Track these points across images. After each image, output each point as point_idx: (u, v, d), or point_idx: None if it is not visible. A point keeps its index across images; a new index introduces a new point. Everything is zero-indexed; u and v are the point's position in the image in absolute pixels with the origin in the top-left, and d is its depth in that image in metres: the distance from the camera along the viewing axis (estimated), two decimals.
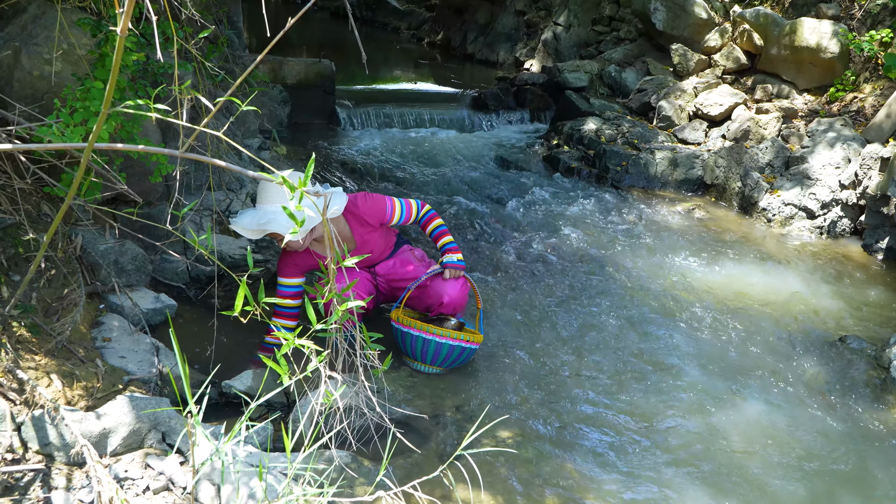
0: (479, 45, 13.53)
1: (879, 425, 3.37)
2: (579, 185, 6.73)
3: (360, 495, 2.34)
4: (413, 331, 3.27)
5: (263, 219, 2.91)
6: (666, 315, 4.27)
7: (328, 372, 1.93)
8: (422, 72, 12.54)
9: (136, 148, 2.02)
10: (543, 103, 8.98)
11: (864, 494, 2.88)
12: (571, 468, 2.85)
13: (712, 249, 5.39)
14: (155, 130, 3.86)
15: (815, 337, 4.15)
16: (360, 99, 8.57)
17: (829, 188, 5.96)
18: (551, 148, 7.66)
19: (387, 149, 7.33)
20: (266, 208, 2.95)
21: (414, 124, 8.36)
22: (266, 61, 7.72)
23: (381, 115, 8.28)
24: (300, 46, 13.03)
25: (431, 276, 3.43)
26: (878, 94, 6.85)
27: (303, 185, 1.79)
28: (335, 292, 2.01)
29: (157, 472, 2.33)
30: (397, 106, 8.51)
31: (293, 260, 3.35)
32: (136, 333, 3.13)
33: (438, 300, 3.42)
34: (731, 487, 2.86)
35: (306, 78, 7.91)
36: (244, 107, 1.81)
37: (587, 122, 7.74)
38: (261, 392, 1.90)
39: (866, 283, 5.08)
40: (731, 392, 3.53)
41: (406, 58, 14.14)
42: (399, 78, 12.05)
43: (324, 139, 7.34)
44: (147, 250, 3.62)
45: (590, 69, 9.01)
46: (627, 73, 8.79)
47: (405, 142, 7.67)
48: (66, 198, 2.13)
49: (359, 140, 7.53)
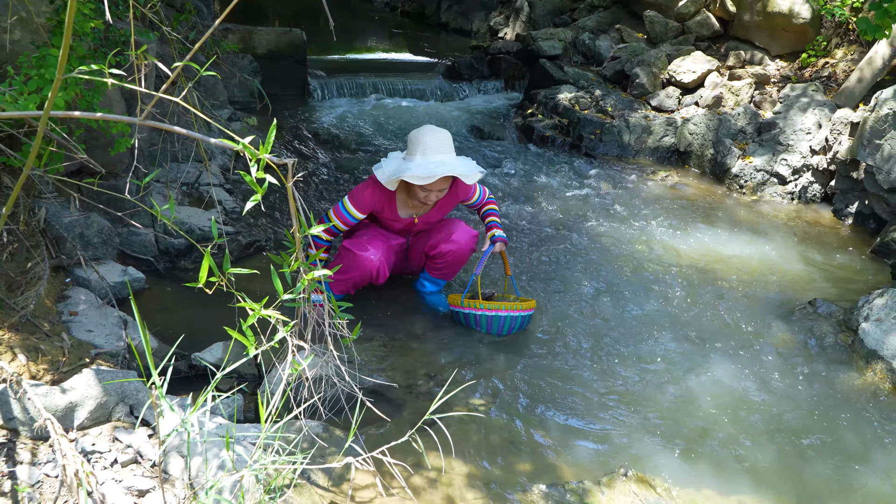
0: (454, 14, 13.39)
1: (847, 387, 3.42)
2: (554, 154, 6.71)
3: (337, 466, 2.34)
4: (476, 311, 3.47)
5: (439, 167, 3.18)
6: (639, 281, 4.29)
7: (295, 341, 1.91)
8: (396, 41, 12.39)
9: (93, 116, 1.96)
10: (518, 72, 8.92)
11: (833, 455, 2.93)
12: (544, 433, 2.87)
13: (685, 216, 5.42)
14: (119, 101, 3.77)
15: (785, 301, 4.20)
16: (332, 69, 8.45)
17: (801, 154, 6.00)
18: (525, 117, 7.62)
19: (360, 119, 7.25)
20: (434, 158, 3.22)
21: (388, 94, 8.27)
22: (235, 31, 7.58)
23: (354, 86, 8.18)
24: (273, 16, 12.80)
25: (444, 223, 3.67)
26: (850, 59, 6.88)
27: (265, 151, 1.75)
28: (300, 261, 1.98)
29: (125, 445, 2.30)
30: (371, 76, 8.41)
31: (374, 195, 3.42)
32: (103, 307, 3.08)
33: (449, 237, 3.60)
34: (703, 451, 2.90)
35: (277, 48, 7.77)
36: (203, 71, 1.77)
37: (561, 90, 7.70)
38: (226, 362, 1.87)
39: (836, 247, 5.14)
40: (703, 357, 3.57)
41: (380, 27, 13.95)
42: (373, 48, 11.89)
43: (296, 110, 7.24)
44: (114, 223, 3.56)
45: (564, 37, 8.94)
46: (601, 40, 8.74)
47: (378, 112, 7.58)
48: (24, 168, 2.08)
49: (331, 110, 7.44)
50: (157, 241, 3.80)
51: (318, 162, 5.82)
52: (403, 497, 2.35)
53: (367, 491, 2.34)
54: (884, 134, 5.15)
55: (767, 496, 2.66)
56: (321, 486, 2.30)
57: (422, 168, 3.18)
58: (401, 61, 10.13)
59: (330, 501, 2.25)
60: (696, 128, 6.55)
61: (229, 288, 2.03)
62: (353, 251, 3.40)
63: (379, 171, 3.33)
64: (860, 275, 4.71)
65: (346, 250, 3.44)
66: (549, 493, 2.48)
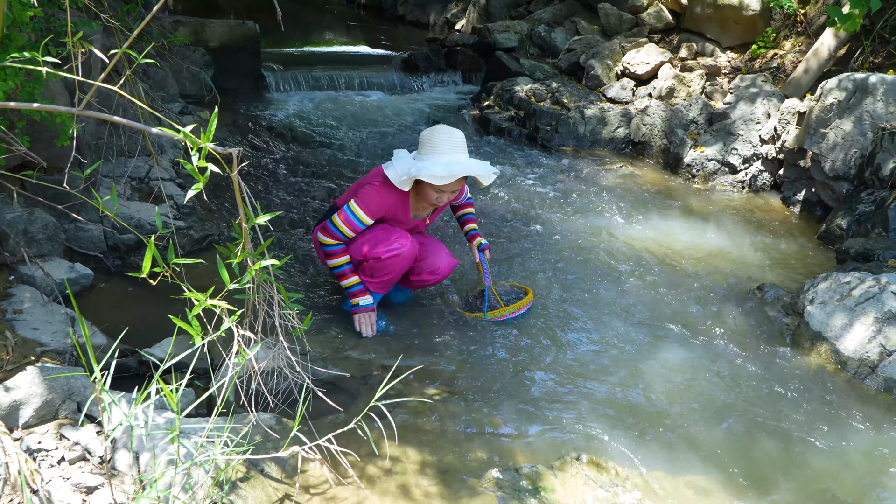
0: (410, 7, 13.34)
1: (794, 369, 3.52)
2: (510, 145, 6.75)
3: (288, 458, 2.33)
4: (506, 318, 3.63)
5: (458, 167, 3.13)
6: (592, 270, 4.35)
7: (241, 331, 1.90)
8: (353, 34, 12.30)
9: (29, 106, 1.92)
10: (474, 64, 8.94)
11: (780, 434, 3.01)
12: (499, 420, 2.89)
13: (638, 206, 5.50)
14: (62, 93, 3.69)
15: (734, 287, 4.30)
16: (288, 62, 8.35)
17: (751, 143, 6.13)
18: (482, 109, 7.64)
19: (316, 113, 7.19)
20: (450, 158, 3.16)
21: (344, 87, 8.21)
22: (187, 23, 7.44)
23: (310, 79, 8.10)
24: (227, 9, 12.60)
25: (427, 248, 3.56)
26: (798, 50, 7.05)
27: (206, 140, 1.74)
28: (247, 251, 1.96)
29: (72, 443, 2.26)
30: (327, 69, 8.33)
31: (387, 198, 3.28)
32: (49, 304, 3.02)
33: (433, 268, 3.54)
34: (654, 433, 2.95)
35: (231, 40, 7.65)
36: (140, 59, 1.74)
37: (518, 82, 7.74)
38: (170, 355, 1.85)
39: (784, 234, 5.27)
40: (655, 342, 3.63)
41: (337, 20, 13.83)
42: (330, 41, 11.78)
43: (250, 104, 7.15)
44: (60, 219, 3.49)
45: (520, 29, 8.98)
46: (557, 32, 8.80)
47: (335, 105, 7.53)
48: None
49: (287, 104, 7.37)
50: (106, 236, 3.73)
51: (274, 155, 5.77)
52: (358, 487, 2.35)
53: (322, 482, 2.34)
54: (829, 123, 5.29)
55: (716, 475, 2.72)
56: (274, 478, 2.29)
57: (441, 167, 3.10)
58: (358, 54, 10.05)
59: (284, 493, 2.25)
60: (649, 119, 6.65)
61: (175, 279, 2.01)
62: (386, 257, 3.29)
63: (391, 171, 3.19)
64: (807, 260, 4.83)
65: (379, 260, 3.31)
66: (502, 478, 2.50)
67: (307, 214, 4.71)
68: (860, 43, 6.40)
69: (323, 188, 5.18)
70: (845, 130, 5.20)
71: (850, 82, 5.27)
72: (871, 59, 6.35)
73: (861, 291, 3.64)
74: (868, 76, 5.26)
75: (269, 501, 2.17)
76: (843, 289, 3.73)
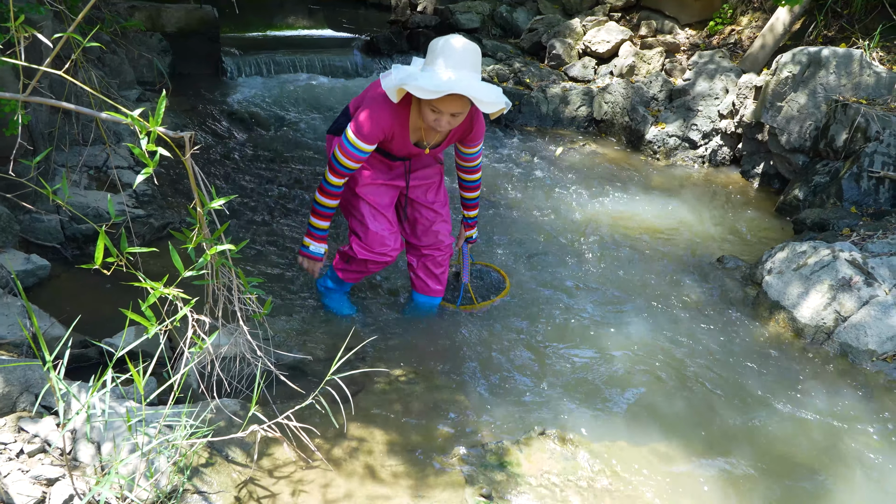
0: None
1: (753, 337, 3.59)
2: None
3: (249, 440, 2.33)
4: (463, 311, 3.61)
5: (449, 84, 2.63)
6: (556, 246, 4.38)
7: (197, 318, 1.89)
8: (315, 17, 12.14)
9: None
10: None
11: (740, 401, 3.08)
12: (464, 399, 2.92)
13: (602, 183, 5.55)
14: (13, 81, 3.60)
15: (696, 260, 4.37)
16: (248, 46, 8.24)
17: (710, 118, 6.20)
18: None
19: (276, 97, 7.11)
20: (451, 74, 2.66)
21: (306, 71, 8.12)
22: (142, 8, 7.29)
23: (270, 63, 8.00)
24: None
25: (435, 219, 3.51)
26: (754, 26, 7.13)
27: (155, 124, 1.71)
28: (202, 237, 1.95)
29: (31, 435, 2.24)
30: (287, 53, 8.23)
31: (383, 118, 2.88)
32: (5, 297, 2.96)
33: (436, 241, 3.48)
34: (618, 405, 3.01)
35: (188, 25, 7.51)
36: (85, 43, 1.71)
37: None
38: (123, 343, 1.84)
39: (744, 207, 5.35)
40: (618, 314, 3.69)
41: (298, 3, 13.64)
42: (291, 24, 11.63)
43: (210, 89, 7.04)
44: (14, 209, 3.42)
45: (482, 10, 8.96)
46: (519, 12, 8.79)
47: (296, 90, 7.45)
48: None
49: (247, 89, 7.27)
50: (64, 227, 3.67)
51: (235, 140, 5.70)
52: (325, 468, 2.36)
53: (288, 465, 2.34)
54: (784, 96, 5.37)
55: (678, 442, 2.78)
56: (239, 462, 2.29)
57: (432, 81, 2.64)
58: (319, 37, 9.93)
59: (248, 477, 2.24)
60: (611, 97, 6.69)
61: (129, 268, 1.98)
62: (372, 260, 3.23)
63: (386, 80, 2.76)
64: (766, 232, 4.93)
65: (364, 262, 3.25)
66: (468, 454, 2.53)
67: (269, 199, 4.67)
68: (814, 17, 6.49)
69: (285, 173, 5.14)
70: (800, 103, 5.29)
71: (805, 56, 5.36)
72: (825, 32, 6.45)
73: (816, 260, 3.72)
74: (821, 49, 5.34)
75: (233, 485, 2.17)
76: (799, 258, 3.81)
